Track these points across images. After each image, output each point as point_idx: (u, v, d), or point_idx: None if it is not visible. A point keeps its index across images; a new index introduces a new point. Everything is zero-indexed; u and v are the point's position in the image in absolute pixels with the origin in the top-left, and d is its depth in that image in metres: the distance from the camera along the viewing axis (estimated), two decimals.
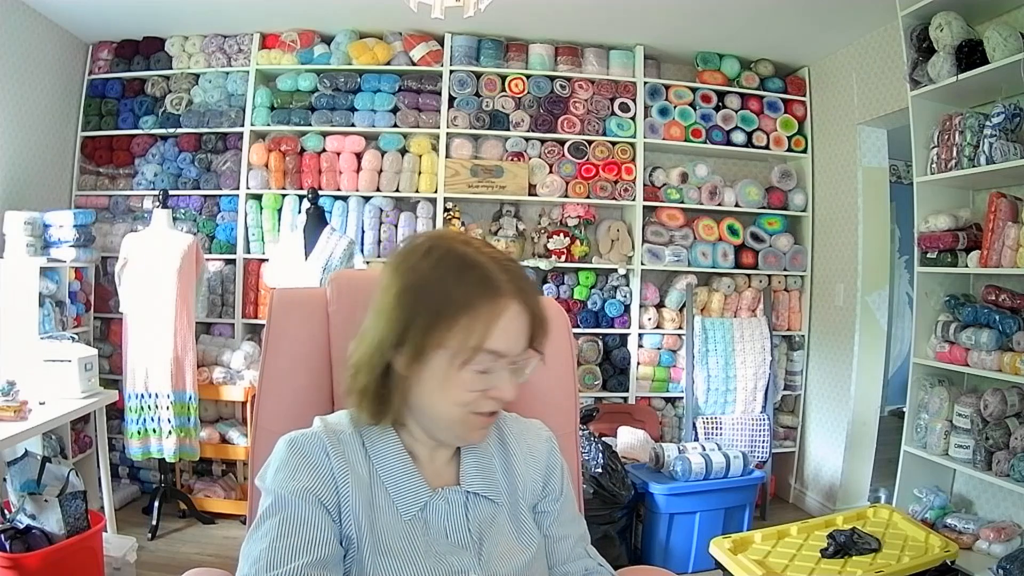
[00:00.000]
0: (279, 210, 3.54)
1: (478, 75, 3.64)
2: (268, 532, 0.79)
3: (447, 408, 0.84)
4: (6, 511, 2.16)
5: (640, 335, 3.70)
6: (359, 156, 3.55)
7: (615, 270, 3.68)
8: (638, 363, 3.69)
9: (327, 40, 3.64)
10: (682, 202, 3.74)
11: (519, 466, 0.95)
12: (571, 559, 0.98)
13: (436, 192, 3.56)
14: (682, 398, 3.70)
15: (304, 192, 3.34)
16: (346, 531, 0.82)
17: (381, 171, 3.55)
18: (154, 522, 3.02)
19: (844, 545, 2.20)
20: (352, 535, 0.82)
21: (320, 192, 3.35)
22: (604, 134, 3.68)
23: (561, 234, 3.63)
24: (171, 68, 3.65)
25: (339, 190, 3.54)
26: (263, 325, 3.65)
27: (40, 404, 2.43)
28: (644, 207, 3.69)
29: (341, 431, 0.88)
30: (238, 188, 3.56)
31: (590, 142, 3.66)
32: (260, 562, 0.77)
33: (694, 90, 3.76)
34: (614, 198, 3.67)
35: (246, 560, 0.79)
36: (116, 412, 3.14)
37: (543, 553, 0.95)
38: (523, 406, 1.05)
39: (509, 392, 0.84)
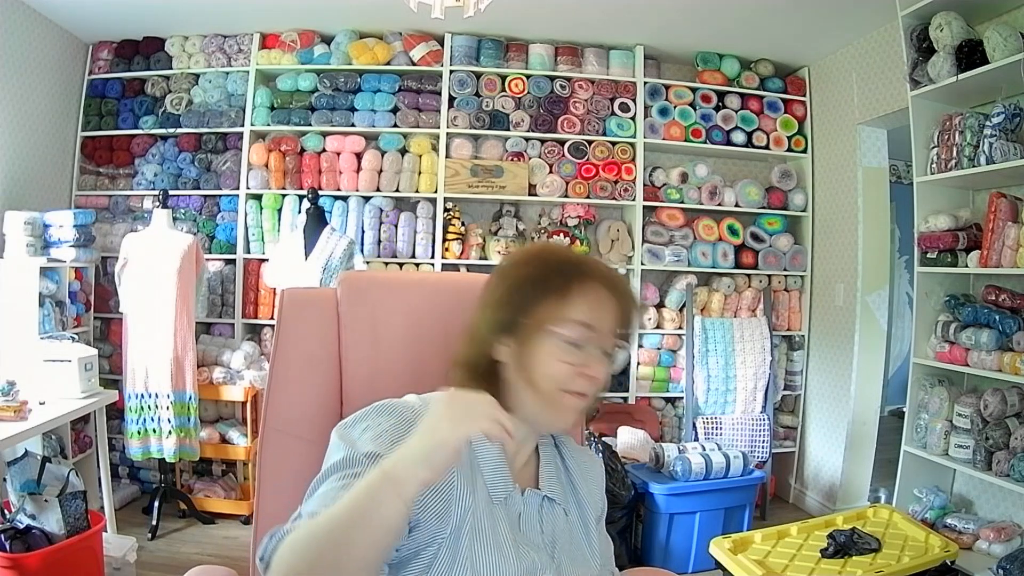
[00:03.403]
0: (279, 210, 3.54)
1: (478, 75, 3.64)
2: (332, 487, 0.78)
3: (542, 382, 0.88)
4: (6, 511, 2.15)
5: (640, 335, 3.70)
6: (359, 156, 3.55)
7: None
8: (638, 363, 3.69)
9: (327, 40, 3.64)
10: (682, 202, 3.74)
11: (582, 487, 1.00)
12: None
13: (436, 192, 3.56)
14: (682, 398, 3.70)
15: (304, 192, 3.34)
16: (442, 510, 0.82)
17: (381, 171, 3.55)
18: (154, 522, 3.02)
19: (844, 545, 2.20)
20: (451, 515, 0.83)
21: (320, 192, 3.35)
22: (604, 134, 3.68)
23: (561, 234, 3.63)
24: (171, 68, 3.65)
25: (339, 190, 3.54)
26: (263, 325, 3.68)
27: (40, 404, 2.43)
28: (644, 207, 3.69)
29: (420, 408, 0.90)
30: (238, 188, 3.56)
31: (590, 142, 3.66)
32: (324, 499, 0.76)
33: (694, 90, 3.76)
34: (614, 198, 3.67)
35: (311, 497, 0.79)
36: (116, 412, 3.14)
37: (608, 570, 0.99)
38: None
39: (600, 371, 0.89)
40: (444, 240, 3.55)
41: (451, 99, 3.61)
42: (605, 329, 0.90)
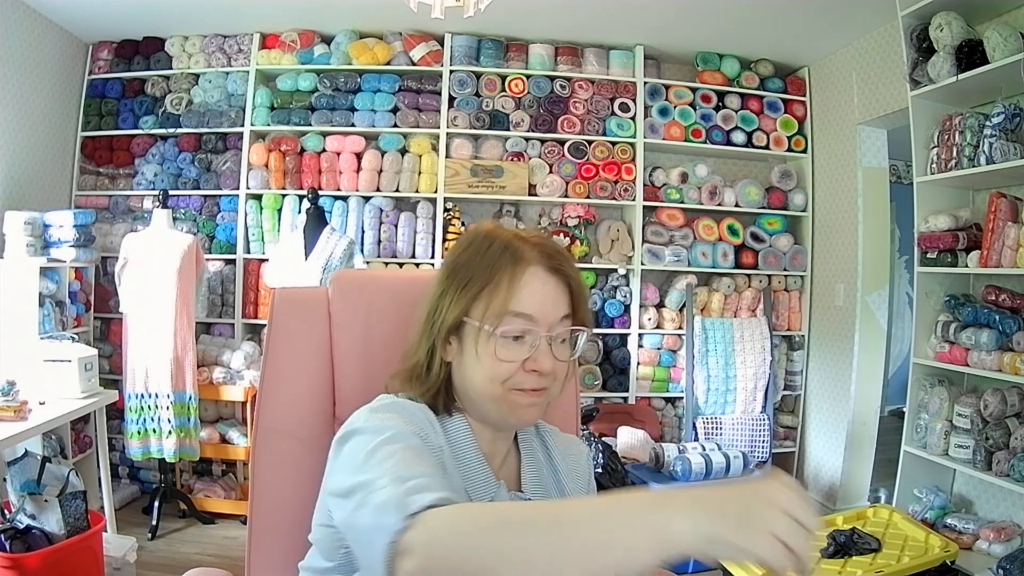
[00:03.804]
0: (279, 210, 3.54)
1: (478, 75, 3.64)
2: (393, 453, 0.70)
3: (486, 385, 0.82)
4: (6, 511, 2.16)
5: (640, 335, 3.70)
6: (359, 156, 3.55)
7: (615, 270, 3.68)
8: (638, 363, 3.69)
9: (327, 40, 3.64)
10: (682, 202, 3.74)
11: (567, 482, 0.94)
12: None
13: (436, 192, 3.56)
14: (682, 398, 3.70)
15: (304, 192, 3.34)
16: None
17: (381, 171, 3.55)
18: (154, 522, 3.02)
19: (844, 545, 2.20)
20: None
21: (320, 192, 3.35)
22: (604, 134, 3.68)
23: (561, 234, 3.63)
24: (171, 68, 3.65)
25: (339, 190, 3.54)
26: (263, 325, 3.68)
27: (40, 404, 2.43)
28: (644, 207, 3.69)
29: (419, 411, 0.85)
30: (238, 188, 3.56)
31: (590, 142, 3.66)
32: (395, 472, 0.66)
33: (694, 90, 3.76)
34: (614, 198, 3.67)
35: (377, 474, 0.67)
36: (116, 412, 3.14)
37: None
38: None
39: (546, 363, 0.81)
40: (444, 240, 3.54)
41: (451, 99, 3.61)
42: (550, 316, 0.82)
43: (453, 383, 0.87)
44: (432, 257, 3.55)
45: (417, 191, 3.59)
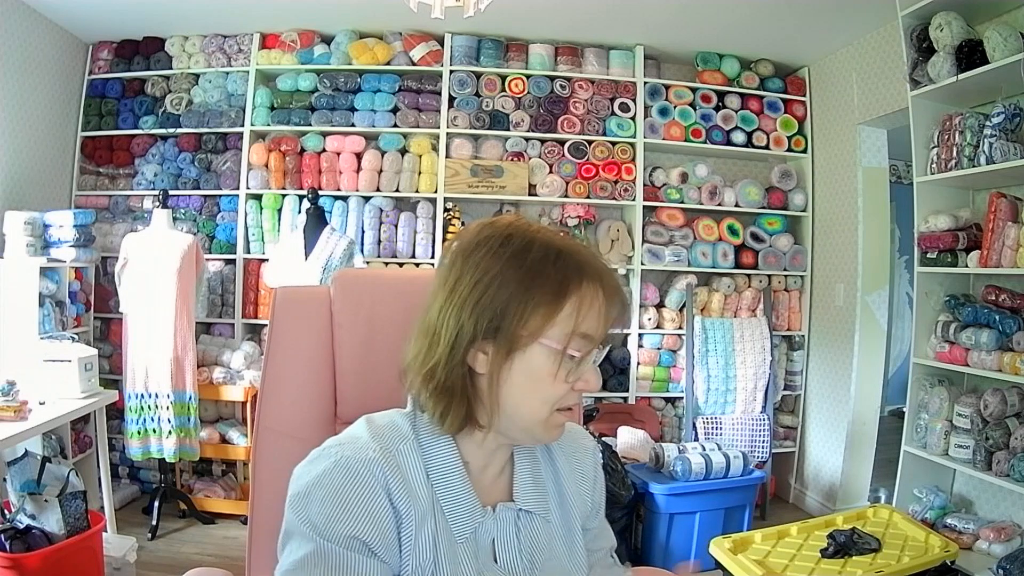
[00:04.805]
0: (279, 210, 3.54)
1: (478, 75, 3.64)
2: None
3: (537, 407, 0.77)
4: (6, 511, 2.15)
5: (640, 335, 3.70)
6: (359, 156, 3.55)
7: (615, 270, 3.67)
8: (638, 363, 3.69)
9: (327, 40, 3.64)
10: (682, 202, 3.74)
11: (569, 486, 0.90)
12: (603, 567, 0.96)
13: (436, 192, 3.56)
14: (682, 398, 3.70)
15: (304, 192, 3.34)
16: (404, 570, 0.75)
17: (381, 171, 3.55)
18: (154, 522, 3.02)
19: (844, 545, 2.20)
20: (412, 572, 0.75)
21: (320, 192, 3.35)
22: (604, 134, 3.68)
23: (561, 234, 3.62)
24: (171, 68, 3.65)
25: (339, 190, 3.54)
26: (263, 325, 3.68)
27: (40, 404, 2.43)
28: (644, 207, 3.69)
29: (397, 444, 0.79)
30: (238, 188, 3.56)
31: (590, 142, 3.66)
32: None
33: (694, 90, 3.76)
34: (614, 198, 3.67)
35: None
36: (116, 412, 3.15)
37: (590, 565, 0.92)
38: None
39: (595, 382, 0.79)
40: (444, 240, 3.54)
41: (451, 99, 3.61)
42: (600, 336, 0.79)
43: (480, 397, 0.78)
44: (432, 257, 3.55)
45: (417, 191, 3.59)
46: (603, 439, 2.99)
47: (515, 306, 0.74)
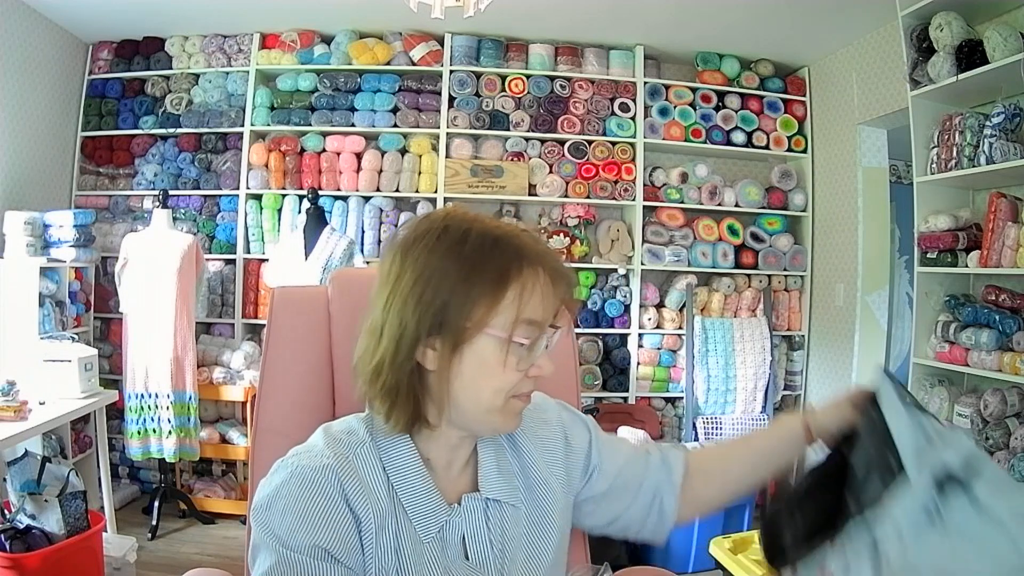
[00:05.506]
0: (279, 210, 3.54)
1: (478, 75, 3.64)
2: None
3: (490, 397, 0.77)
4: (6, 511, 2.15)
5: (640, 335, 3.70)
6: (359, 156, 3.55)
7: (615, 270, 3.68)
8: (638, 363, 3.69)
9: (327, 40, 3.64)
10: (682, 202, 3.74)
11: (540, 469, 0.89)
12: (644, 467, 0.95)
13: (436, 192, 3.56)
14: (682, 398, 3.70)
15: (304, 192, 3.34)
16: (368, 574, 0.76)
17: (381, 171, 3.55)
18: (154, 522, 3.02)
19: None
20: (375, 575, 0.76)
21: (320, 192, 3.35)
22: (604, 134, 3.68)
23: (561, 234, 3.63)
24: (171, 68, 3.65)
25: (339, 190, 3.54)
26: (263, 325, 3.68)
27: (40, 404, 2.43)
28: (644, 207, 3.69)
29: (354, 448, 0.79)
30: (238, 188, 3.56)
31: (590, 142, 3.66)
32: None
33: (694, 90, 3.76)
34: (614, 198, 3.67)
35: None
36: (116, 412, 3.15)
37: (564, 549, 0.92)
38: None
39: (548, 366, 0.78)
40: None
41: (451, 99, 3.61)
42: (547, 320, 0.78)
43: (431, 394, 0.77)
44: None
45: (417, 191, 3.59)
46: None
47: (457, 299, 0.73)
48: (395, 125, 3.58)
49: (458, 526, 0.81)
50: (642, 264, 3.66)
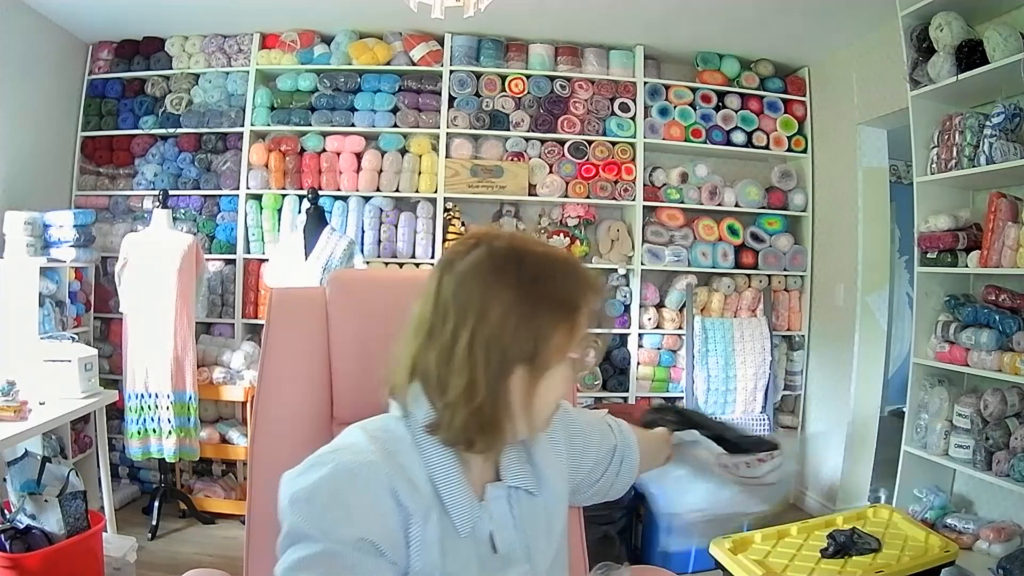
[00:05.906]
0: (279, 210, 3.54)
1: (478, 75, 3.64)
2: None
3: (552, 409, 0.86)
4: (6, 511, 2.16)
5: (640, 335, 3.70)
6: (359, 156, 3.55)
7: (615, 270, 3.68)
8: (638, 363, 3.69)
9: (327, 40, 3.64)
10: (682, 202, 3.74)
11: (547, 465, 0.94)
12: (610, 435, 1.07)
13: (436, 192, 3.56)
14: (682, 398, 3.70)
15: (304, 192, 3.34)
16: (413, 568, 0.77)
17: (381, 171, 3.55)
18: (154, 522, 3.02)
19: (844, 545, 2.20)
20: (422, 570, 0.78)
21: (320, 192, 3.35)
22: (604, 134, 3.68)
23: (561, 234, 3.63)
24: (171, 68, 3.65)
25: (339, 190, 3.54)
26: (263, 325, 3.69)
27: (40, 404, 2.43)
28: (644, 207, 3.68)
29: (396, 445, 0.81)
30: (238, 188, 3.56)
31: (590, 142, 3.66)
32: None
33: (694, 90, 3.76)
34: (614, 198, 3.67)
35: None
36: (116, 412, 3.14)
37: (566, 536, 0.98)
38: None
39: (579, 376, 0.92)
40: (444, 240, 3.54)
41: (451, 99, 3.61)
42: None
43: (511, 414, 0.81)
44: (432, 257, 3.55)
45: (417, 191, 3.58)
46: None
47: (544, 332, 0.79)
48: (395, 125, 3.58)
49: (487, 523, 0.85)
50: (642, 264, 3.66)
